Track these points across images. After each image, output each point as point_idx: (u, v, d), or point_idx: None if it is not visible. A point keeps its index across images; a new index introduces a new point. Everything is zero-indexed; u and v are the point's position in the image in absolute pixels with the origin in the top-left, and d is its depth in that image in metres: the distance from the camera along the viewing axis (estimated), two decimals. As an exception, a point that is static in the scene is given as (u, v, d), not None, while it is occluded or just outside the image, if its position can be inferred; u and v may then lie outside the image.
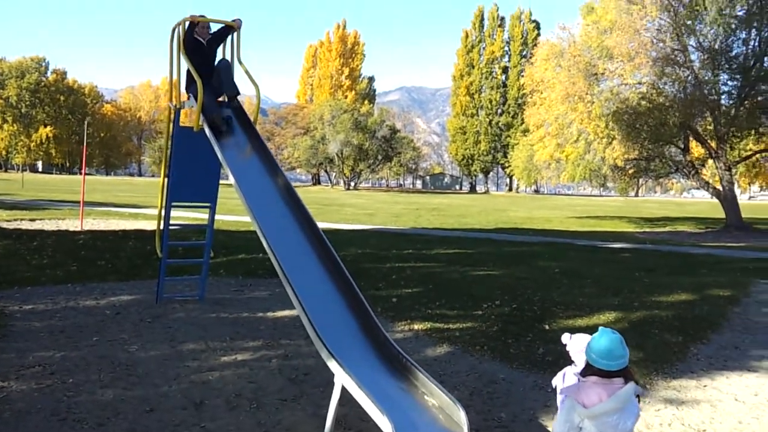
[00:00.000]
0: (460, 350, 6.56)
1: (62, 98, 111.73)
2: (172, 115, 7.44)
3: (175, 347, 6.28)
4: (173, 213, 8.17)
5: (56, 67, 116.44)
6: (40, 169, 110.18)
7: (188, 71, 6.75)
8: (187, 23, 6.90)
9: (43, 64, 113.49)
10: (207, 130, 6.29)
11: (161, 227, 7.98)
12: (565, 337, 3.65)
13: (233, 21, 7.06)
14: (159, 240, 7.98)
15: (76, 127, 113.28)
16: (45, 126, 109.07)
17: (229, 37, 7.21)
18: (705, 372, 6.11)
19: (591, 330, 7.30)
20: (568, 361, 3.60)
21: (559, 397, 3.51)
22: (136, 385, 5.15)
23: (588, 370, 3.08)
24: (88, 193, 24.24)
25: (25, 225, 17.64)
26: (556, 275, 11.83)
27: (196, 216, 19.57)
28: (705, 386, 5.70)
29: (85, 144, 19.06)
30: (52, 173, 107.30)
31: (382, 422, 3.66)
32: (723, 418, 4.95)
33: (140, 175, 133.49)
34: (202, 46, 7.00)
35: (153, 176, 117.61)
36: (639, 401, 3.10)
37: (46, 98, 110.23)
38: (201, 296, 8.53)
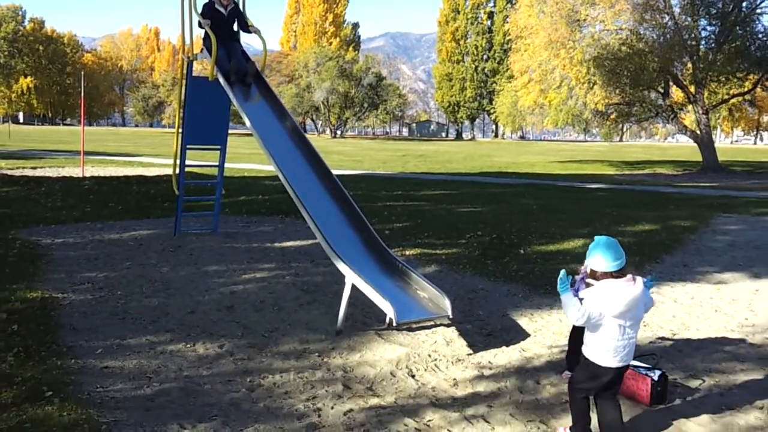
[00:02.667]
0: (446, 269, 7.61)
1: (41, 48, 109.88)
2: (186, 66, 8.23)
3: (200, 268, 7.27)
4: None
5: (33, 16, 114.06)
6: (21, 120, 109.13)
7: (202, 15, 7.51)
8: None
9: (20, 12, 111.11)
10: (221, 79, 7.12)
11: (177, 168, 8.79)
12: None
13: None
14: (175, 179, 8.83)
15: (57, 77, 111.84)
16: (25, 76, 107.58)
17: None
18: (654, 283, 7.17)
19: (561, 255, 8.36)
20: (539, 276, 4.31)
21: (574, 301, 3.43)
22: (174, 295, 6.15)
23: (598, 274, 3.36)
24: (77, 143, 24.73)
25: (29, 172, 18.38)
26: (534, 211, 12.88)
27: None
28: (652, 293, 6.76)
29: (83, 95, 19.64)
30: (33, 124, 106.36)
31: (384, 306, 4.70)
32: (661, 314, 6.03)
33: (123, 125, 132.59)
34: (222, 16, 7.65)
35: (137, 126, 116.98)
36: (650, 288, 3.53)
37: (24, 48, 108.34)
38: (214, 229, 9.48)
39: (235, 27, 7.90)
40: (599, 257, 3.34)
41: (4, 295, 5.82)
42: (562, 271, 3.39)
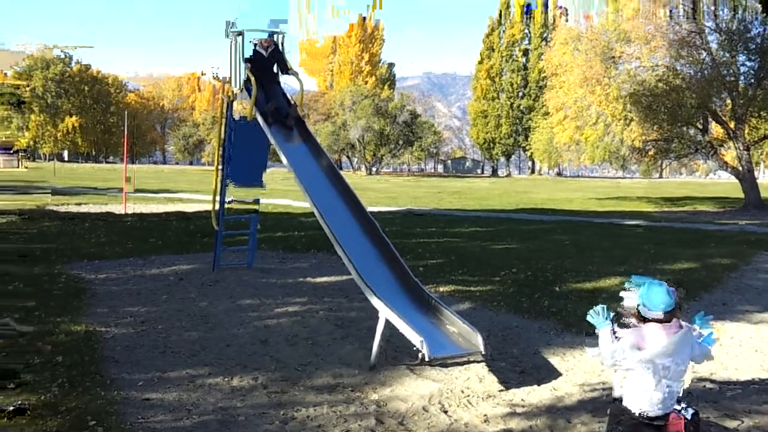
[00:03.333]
0: (480, 306, 7.63)
1: (86, 88, 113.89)
2: (225, 106, 8.55)
3: (236, 303, 7.43)
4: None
5: (80, 59, 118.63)
6: (66, 158, 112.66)
7: (247, 60, 7.91)
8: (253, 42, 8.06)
9: (68, 54, 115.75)
10: (260, 119, 7.37)
11: (217, 204, 9.04)
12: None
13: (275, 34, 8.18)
14: (215, 215, 9.06)
15: (101, 116, 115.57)
16: (71, 116, 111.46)
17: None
18: (708, 319, 7.08)
19: (597, 293, 8.30)
20: (573, 314, 4.25)
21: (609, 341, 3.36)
22: (212, 329, 6.30)
23: (639, 318, 3.24)
24: (120, 180, 25.53)
25: (73, 209, 18.99)
26: (569, 248, 12.81)
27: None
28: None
29: (126, 134, 20.36)
30: (78, 162, 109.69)
31: (417, 341, 4.76)
32: (699, 353, 5.94)
33: (164, 162, 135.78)
34: (262, 57, 8.05)
35: (177, 164, 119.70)
36: (712, 345, 3.36)
37: (71, 89, 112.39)
38: (250, 264, 9.68)
39: (275, 68, 8.19)
40: (643, 299, 3.23)
41: (50, 328, 6.04)
42: (600, 306, 3.34)
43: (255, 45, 8.08)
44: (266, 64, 8.16)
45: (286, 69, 8.19)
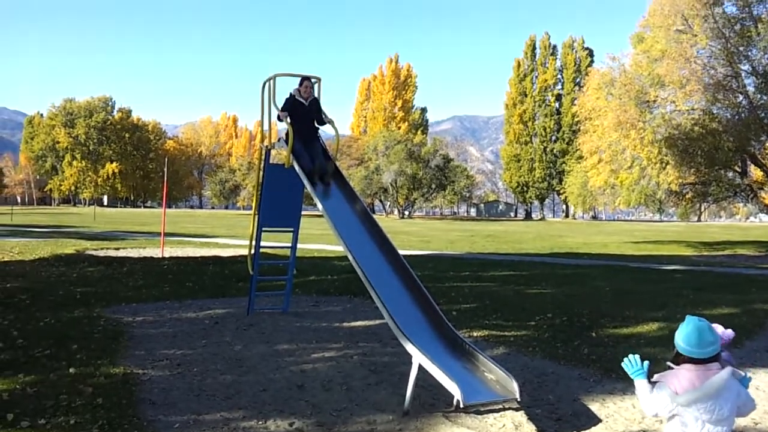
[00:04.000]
0: (514, 351, 7.54)
1: (127, 135, 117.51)
2: (263, 154, 8.74)
3: (271, 347, 7.47)
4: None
5: (122, 106, 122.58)
6: (105, 203, 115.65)
7: (284, 109, 7.97)
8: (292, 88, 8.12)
9: (110, 103, 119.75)
10: (296, 167, 7.52)
11: (253, 249, 9.18)
12: None
13: (313, 78, 8.32)
14: (251, 260, 9.20)
15: (140, 162, 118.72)
16: (111, 162, 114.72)
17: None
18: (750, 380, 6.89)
19: (635, 338, 8.16)
20: (611, 360, 4.10)
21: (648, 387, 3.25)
22: (247, 373, 6.34)
23: (679, 359, 3.10)
24: (158, 224, 26.05)
25: (112, 253, 19.39)
26: (606, 292, 12.62)
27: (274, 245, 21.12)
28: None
29: (165, 181, 20.84)
30: (117, 206, 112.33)
31: (452, 388, 4.73)
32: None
33: (200, 207, 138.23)
34: (303, 106, 8.02)
35: (213, 208, 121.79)
36: (747, 387, 3.14)
37: (112, 135, 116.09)
38: (285, 309, 9.74)
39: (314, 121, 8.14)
40: (682, 338, 3.09)
41: (90, 371, 6.15)
42: (632, 356, 3.24)
43: (293, 93, 8.07)
44: (306, 115, 8.04)
45: (322, 120, 8.15)
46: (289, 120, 7.77)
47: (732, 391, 3.01)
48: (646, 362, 3.21)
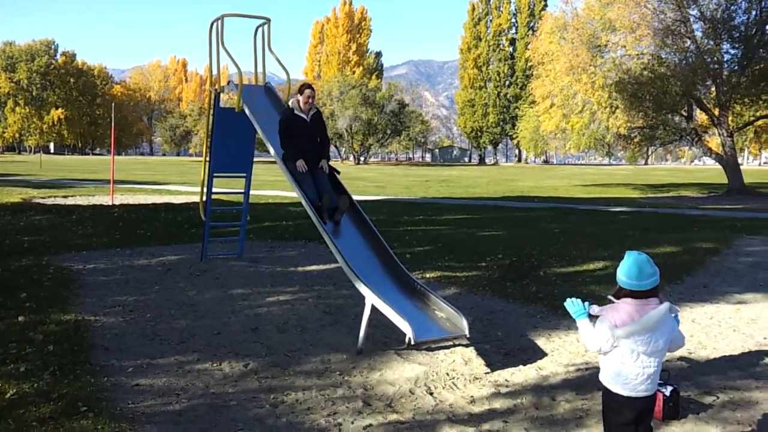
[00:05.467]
0: (465, 291, 7.75)
1: (72, 80, 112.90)
2: (213, 98, 8.55)
3: (226, 291, 7.49)
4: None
5: (65, 50, 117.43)
6: (52, 151, 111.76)
7: (281, 133, 6.75)
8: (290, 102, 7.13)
9: (53, 47, 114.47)
10: (247, 111, 7.38)
11: (204, 195, 9.07)
12: None
13: (263, 18, 8.10)
14: (203, 206, 9.11)
15: (87, 108, 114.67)
16: (56, 108, 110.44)
17: (261, 30, 8.28)
18: (673, 303, 7.23)
19: (581, 276, 8.43)
20: (558, 297, 4.20)
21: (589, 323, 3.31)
22: (201, 317, 6.36)
23: (620, 293, 3.16)
24: (107, 172, 25.31)
25: (60, 201, 18.92)
26: (555, 234, 12.95)
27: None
28: (670, 314, 6.83)
29: (113, 127, 20.26)
30: (64, 154, 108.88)
31: (403, 326, 4.86)
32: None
33: (151, 154, 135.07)
34: (304, 122, 6.75)
35: (164, 155, 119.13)
36: (678, 320, 3.25)
37: (56, 80, 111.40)
38: (239, 254, 9.73)
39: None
40: (623, 272, 3.14)
41: (40, 318, 6.09)
42: (573, 298, 3.31)
43: (290, 106, 6.86)
44: (308, 132, 6.70)
45: (327, 137, 7.06)
46: (304, 166, 6.59)
47: (668, 324, 3.12)
48: (587, 303, 3.28)
